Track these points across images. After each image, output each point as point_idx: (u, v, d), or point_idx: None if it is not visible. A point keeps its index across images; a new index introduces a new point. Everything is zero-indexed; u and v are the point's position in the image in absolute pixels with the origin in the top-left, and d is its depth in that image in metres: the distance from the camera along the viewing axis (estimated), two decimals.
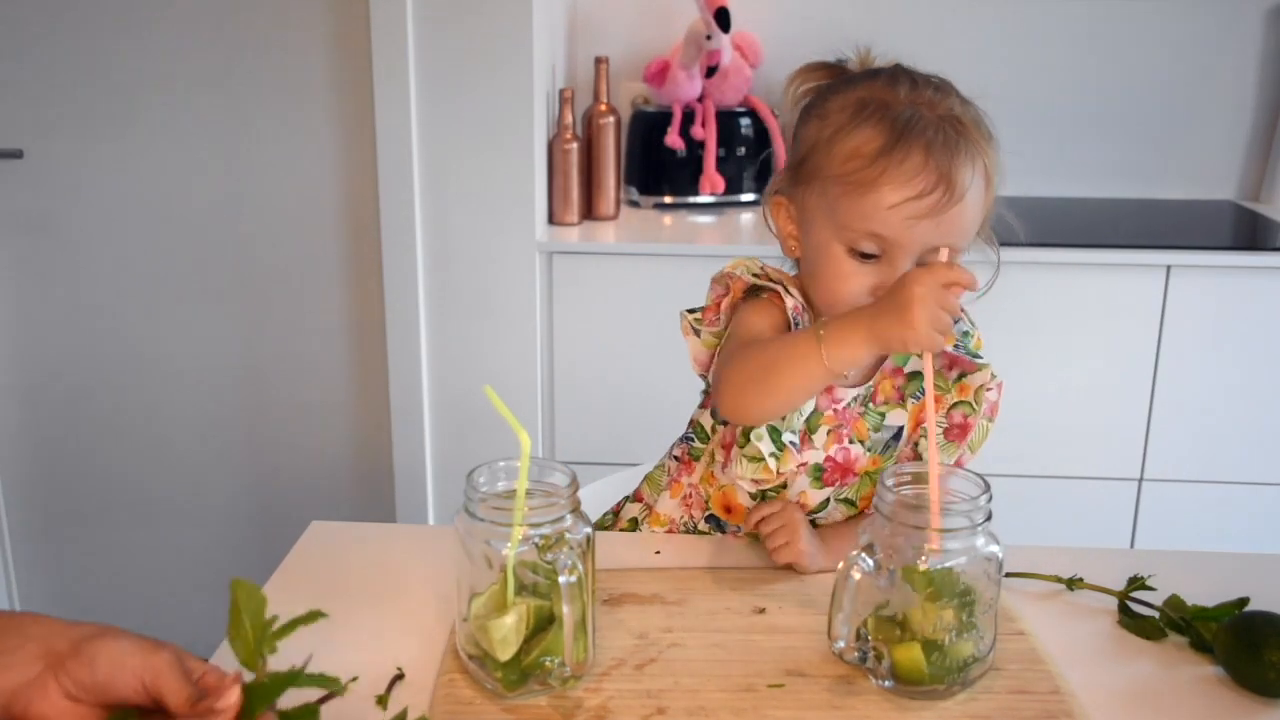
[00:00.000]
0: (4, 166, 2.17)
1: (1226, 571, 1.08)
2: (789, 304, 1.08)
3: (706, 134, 2.31)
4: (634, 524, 1.25)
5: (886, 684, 0.87)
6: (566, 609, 0.83)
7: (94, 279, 2.23)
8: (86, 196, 2.19)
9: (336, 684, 0.69)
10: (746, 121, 2.36)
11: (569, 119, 2.17)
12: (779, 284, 1.10)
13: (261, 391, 2.28)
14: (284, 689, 0.68)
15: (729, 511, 1.18)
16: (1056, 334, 2.07)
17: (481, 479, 0.87)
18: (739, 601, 1.00)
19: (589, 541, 0.86)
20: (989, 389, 1.11)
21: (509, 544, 0.83)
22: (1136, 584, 1.02)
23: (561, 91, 2.20)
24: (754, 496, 1.12)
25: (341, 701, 0.73)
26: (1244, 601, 0.96)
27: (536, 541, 0.84)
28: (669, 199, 2.36)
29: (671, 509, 1.22)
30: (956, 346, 1.13)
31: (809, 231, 1.08)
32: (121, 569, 2.38)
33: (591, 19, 2.45)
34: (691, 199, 2.36)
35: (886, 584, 0.87)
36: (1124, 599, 1.01)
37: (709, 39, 2.28)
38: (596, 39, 2.44)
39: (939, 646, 0.85)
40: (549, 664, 0.85)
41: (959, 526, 0.86)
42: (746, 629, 0.96)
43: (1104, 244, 2.06)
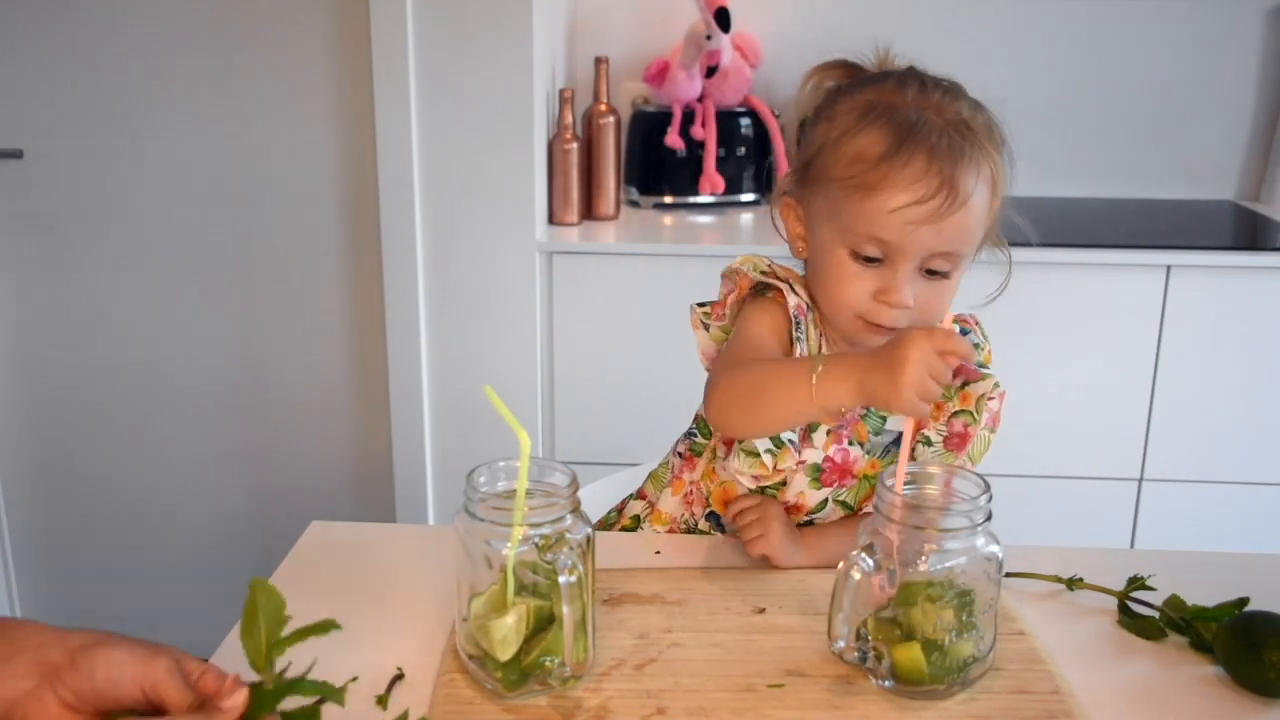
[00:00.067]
0: (4, 166, 2.17)
1: (1226, 571, 1.08)
2: (791, 303, 1.08)
3: (706, 134, 2.31)
4: (636, 521, 1.25)
5: (886, 684, 0.87)
6: (566, 609, 0.83)
7: (94, 279, 2.23)
8: (86, 196, 2.19)
9: (340, 696, 0.69)
10: (746, 121, 2.36)
11: (569, 119, 2.17)
12: (785, 282, 1.10)
13: (261, 391, 2.28)
14: (288, 695, 0.68)
15: (728, 507, 1.17)
16: (1056, 334, 2.07)
17: (481, 479, 0.87)
18: (739, 601, 1.00)
19: (589, 541, 0.86)
20: (990, 398, 1.10)
21: (509, 544, 0.83)
22: (1136, 584, 1.02)
23: (561, 91, 2.20)
24: (752, 493, 1.12)
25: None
26: (1244, 601, 0.96)
27: (536, 541, 0.84)
28: (669, 199, 2.36)
29: (673, 507, 1.22)
30: None
31: (814, 233, 1.08)
32: (121, 569, 2.38)
33: (591, 19, 2.45)
34: (691, 199, 2.36)
35: (887, 583, 0.87)
36: (1124, 599, 1.01)
37: (709, 39, 2.28)
38: (596, 39, 2.44)
39: (939, 646, 0.85)
40: (549, 664, 0.85)
41: (959, 526, 0.86)
42: (746, 629, 0.96)
43: (1104, 244, 2.06)
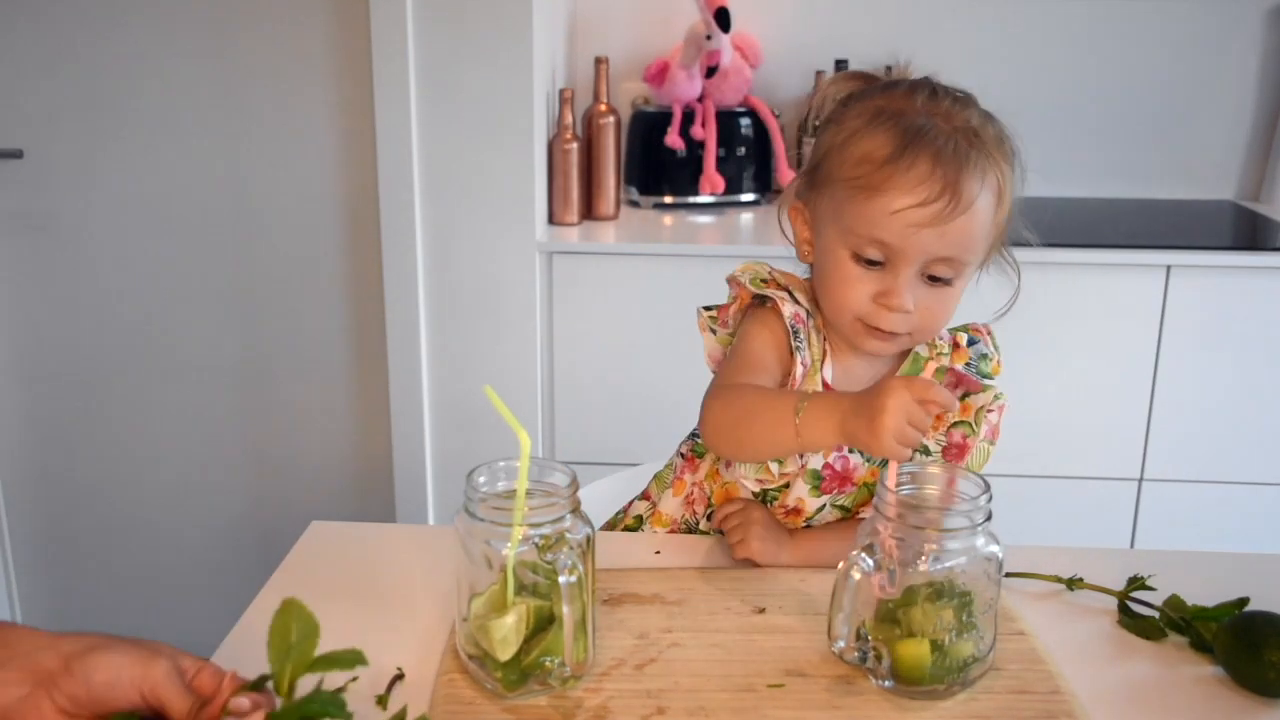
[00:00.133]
0: (4, 166, 2.17)
1: (1226, 571, 1.08)
2: (787, 313, 1.08)
3: (706, 134, 2.31)
4: (639, 521, 1.25)
5: (886, 684, 0.87)
6: (566, 609, 0.83)
7: (94, 279, 2.23)
8: (86, 196, 2.19)
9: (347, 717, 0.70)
10: (746, 122, 2.36)
11: (569, 119, 2.17)
12: (784, 289, 1.10)
13: (262, 391, 2.28)
14: (301, 715, 0.70)
15: (715, 513, 1.17)
16: (1056, 334, 2.07)
17: (481, 479, 0.87)
18: (739, 601, 1.00)
19: (589, 541, 0.86)
20: (990, 410, 1.10)
21: (509, 544, 0.83)
22: (1136, 584, 1.02)
23: (561, 91, 2.20)
24: (756, 495, 1.12)
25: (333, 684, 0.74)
26: (1244, 601, 0.96)
27: (536, 541, 0.84)
28: (669, 199, 2.36)
29: (673, 508, 1.22)
30: (968, 365, 1.12)
31: (819, 235, 1.09)
32: (121, 569, 2.38)
33: (591, 19, 2.45)
34: (691, 199, 2.36)
35: (887, 583, 0.87)
36: (1124, 599, 1.01)
37: (709, 39, 2.28)
38: (596, 39, 2.44)
39: (939, 646, 0.85)
40: (549, 664, 0.85)
41: (959, 526, 0.86)
42: (746, 629, 0.96)
43: (1104, 244, 2.06)
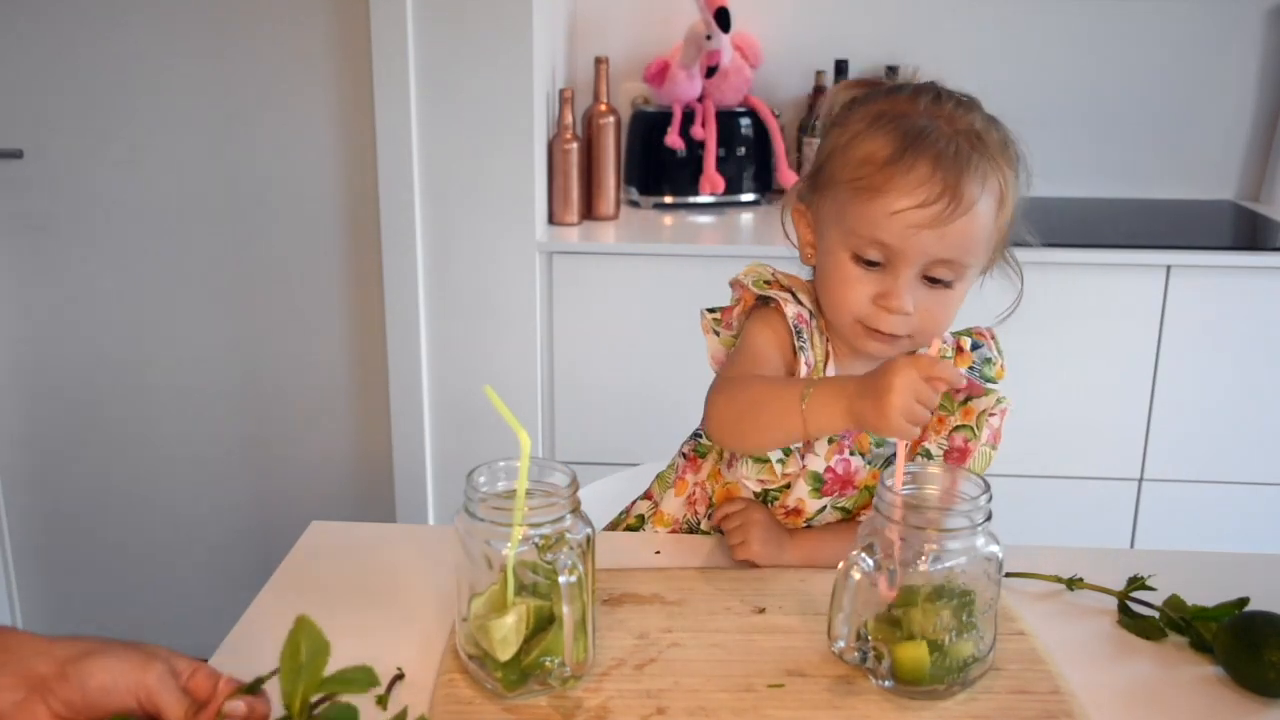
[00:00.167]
0: (4, 166, 2.17)
1: (1226, 571, 1.08)
2: (789, 313, 1.08)
3: (706, 134, 2.31)
4: (641, 520, 1.25)
5: (886, 684, 0.87)
6: (566, 609, 0.83)
7: (94, 279, 2.23)
8: (86, 196, 2.19)
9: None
10: (746, 121, 2.36)
11: (569, 119, 2.17)
12: (788, 291, 1.10)
13: (262, 391, 2.28)
14: None
15: (714, 514, 1.17)
16: (1056, 334, 2.07)
17: (481, 479, 0.87)
18: (739, 601, 1.00)
19: (589, 541, 0.86)
20: (992, 414, 1.10)
21: (509, 544, 0.83)
22: (1136, 584, 1.02)
23: (561, 91, 2.20)
24: (757, 495, 1.12)
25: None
26: (1244, 601, 0.96)
27: (536, 541, 0.84)
28: (669, 199, 2.36)
29: (675, 508, 1.22)
30: (972, 369, 1.12)
31: (821, 237, 1.09)
32: (121, 569, 2.38)
33: (591, 19, 2.45)
34: (691, 199, 2.36)
35: (887, 584, 0.87)
36: (1124, 599, 1.01)
37: (709, 39, 2.28)
38: (596, 39, 2.44)
39: (939, 646, 0.85)
40: (549, 664, 0.85)
41: (959, 526, 0.86)
42: (746, 629, 0.96)
43: (1104, 244, 2.06)
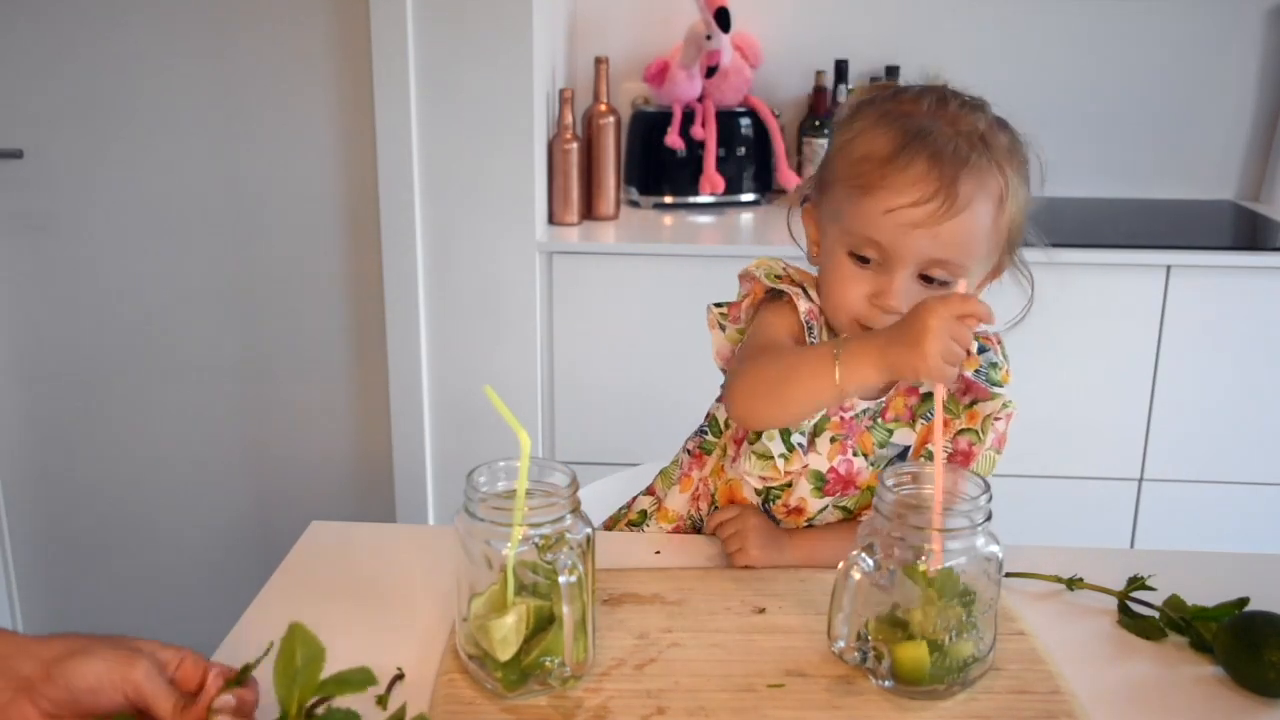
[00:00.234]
0: (4, 166, 2.17)
1: (1226, 571, 1.08)
2: (802, 308, 1.08)
3: (706, 134, 2.31)
4: (643, 516, 1.25)
5: (886, 684, 0.87)
6: (566, 609, 0.83)
7: (94, 279, 2.23)
8: (86, 196, 2.19)
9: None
10: (746, 121, 2.36)
11: (569, 119, 2.17)
12: (799, 286, 1.10)
13: (262, 391, 2.28)
14: None
15: (709, 520, 1.18)
16: (1056, 334, 2.07)
17: (481, 479, 0.87)
18: (739, 601, 1.00)
19: (589, 541, 0.86)
20: (998, 419, 1.10)
21: (509, 544, 0.83)
22: (1136, 584, 1.02)
23: (561, 91, 2.20)
24: (759, 493, 1.12)
25: (341, 701, 0.74)
26: (1244, 601, 0.96)
27: (536, 541, 0.84)
28: (669, 199, 2.36)
29: (680, 505, 1.22)
30: (978, 372, 1.12)
31: (824, 236, 1.10)
32: (121, 569, 2.38)
33: (591, 19, 2.45)
34: (691, 199, 2.36)
35: (887, 583, 0.87)
36: (1124, 599, 1.01)
37: (709, 39, 2.28)
38: (596, 39, 2.44)
39: (939, 646, 0.85)
40: (549, 664, 0.85)
41: (959, 526, 0.86)
42: (746, 629, 0.96)
43: (1104, 244, 2.06)
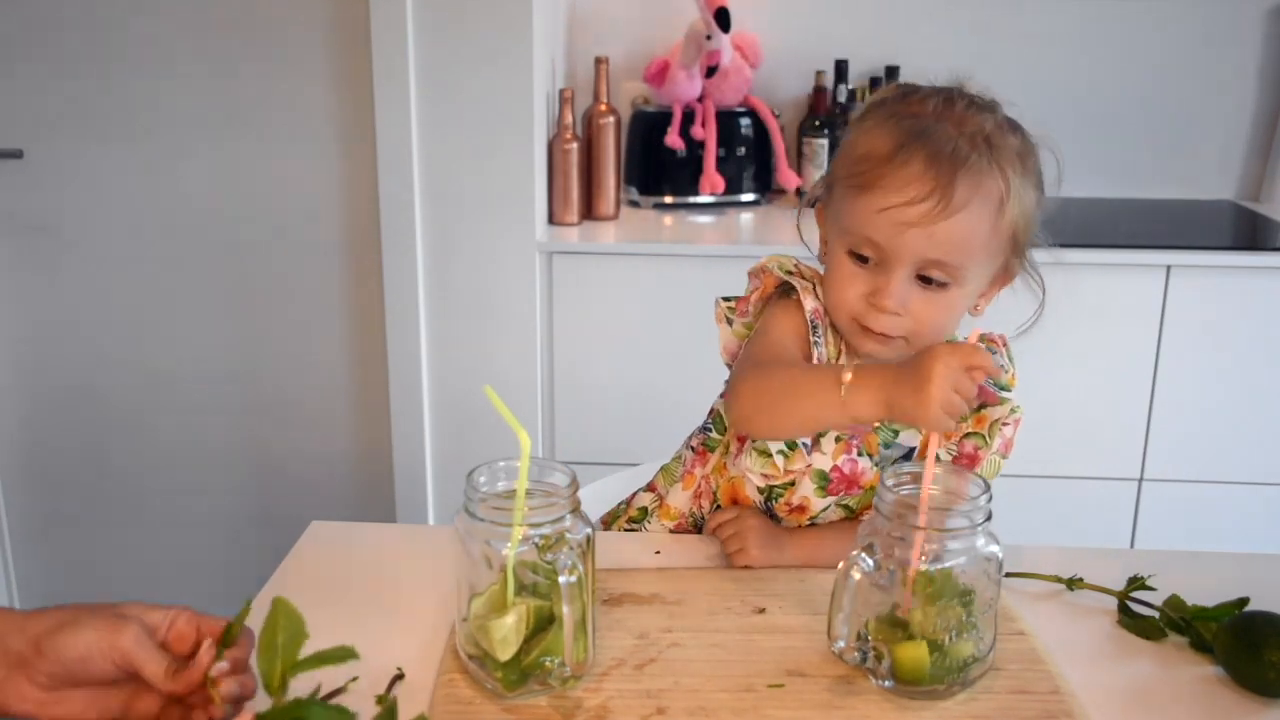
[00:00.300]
0: (4, 166, 2.17)
1: (1226, 571, 1.08)
2: (809, 307, 1.08)
3: (706, 134, 2.31)
4: (644, 513, 1.25)
5: (886, 684, 0.87)
6: (566, 609, 0.83)
7: (93, 279, 2.23)
8: (86, 196, 2.19)
9: (348, 717, 0.70)
10: (746, 121, 2.36)
11: (569, 119, 2.17)
12: (810, 282, 1.10)
13: (261, 391, 2.28)
14: (294, 717, 0.70)
15: (735, 504, 1.17)
16: (1056, 334, 2.06)
17: (481, 479, 0.87)
18: (739, 601, 1.00)
19: (589, 541, 0.86)
20: (1005, 424, 1.10)
21: (509, 544, 0.83)
22: (1136, 584, 1.02)
23: (561, 91, 2.20)
24: (761, 492, 1.12)
25: (341, 701, 0.74)
26: (1244, 601, 0.96)
27: (536, 541, 0.84)
28: (669, 199, 2.36)
29: (682, 502, 1.22)
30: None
31: (828, 234, 1.10)
32: (121, 569, 2.38)
33: (591, 19, 2.45)
34: (691, 199, 2.36)
35: (887, 583, 0.87)
36: (1124, 599, 1.01)
37: (709, 39, 2.28)
38: (596, 39, 2.44)
39: (939, 646, 0.85)
40: (549, 664, 0.85)
41: (959, 526, 0.86)
42: (746, 629, 0.96)
43: (1104, 244, 2.06)
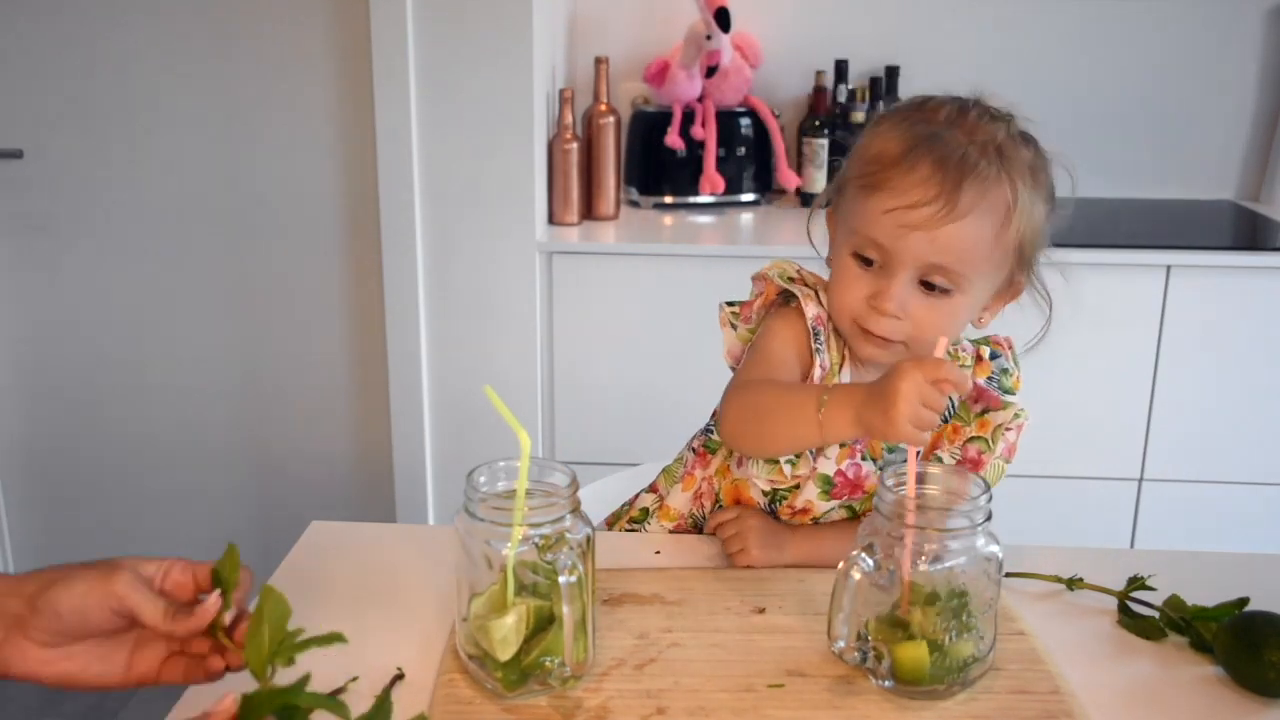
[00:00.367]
0: (4, 166, 2.17)
1: (1226, 571, 1.08)
2: (810, 314, 1.08)
3: (706, 134, 2.31)
4: (645, 514, 1.25)
5: (886, 684, 0.87)
6: (566, 609, 0.83)
7: (93, 279, 2.23)
8: (86, 196, 2.19)
9: (341, 707, 0.69)
10: (746, 121, 2.36)
11: (569, 119, 2.17)
12: (812, 289, 1.10)
13: (261, 391, 2.28)
14: (282, 702, 0.68)
15: (737, 504, 1.17)
16: (1056, 334, 2.06)
17: (481, 479, 0.87)
18: (739, 601, 1.00)
19: (589, 541, 0.86)
20: (1009, 429, 1.10)
21: (509, 544, 0.83)
22: (1136, 584, 1.02)
23: (561, 91, 2.20)
24: (765, 494, 1.12)
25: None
26: (1244, 601, 0.96)
27: (536, 541, 0.84)
28: (669, 199, 2.36)
29: (682, 503, 1.22)
30: (990, 379, 1.12)
31: (835, 237, 1.10)
32: None
33: (591, 19, 2.45)
34: (691, 199, 2.36)
35: (887, 583, 0.87)
36: (1124, 599, 1.01)
37: (709, 39, 2.28)
38: (596, 39, 2.44)
39: (939, 646, 0.85)
40: (549, 664, 0.85)
41: (959, 526, 0.86)
42: (746, 629, 0.96)
43: (1104, 244, 2.06)
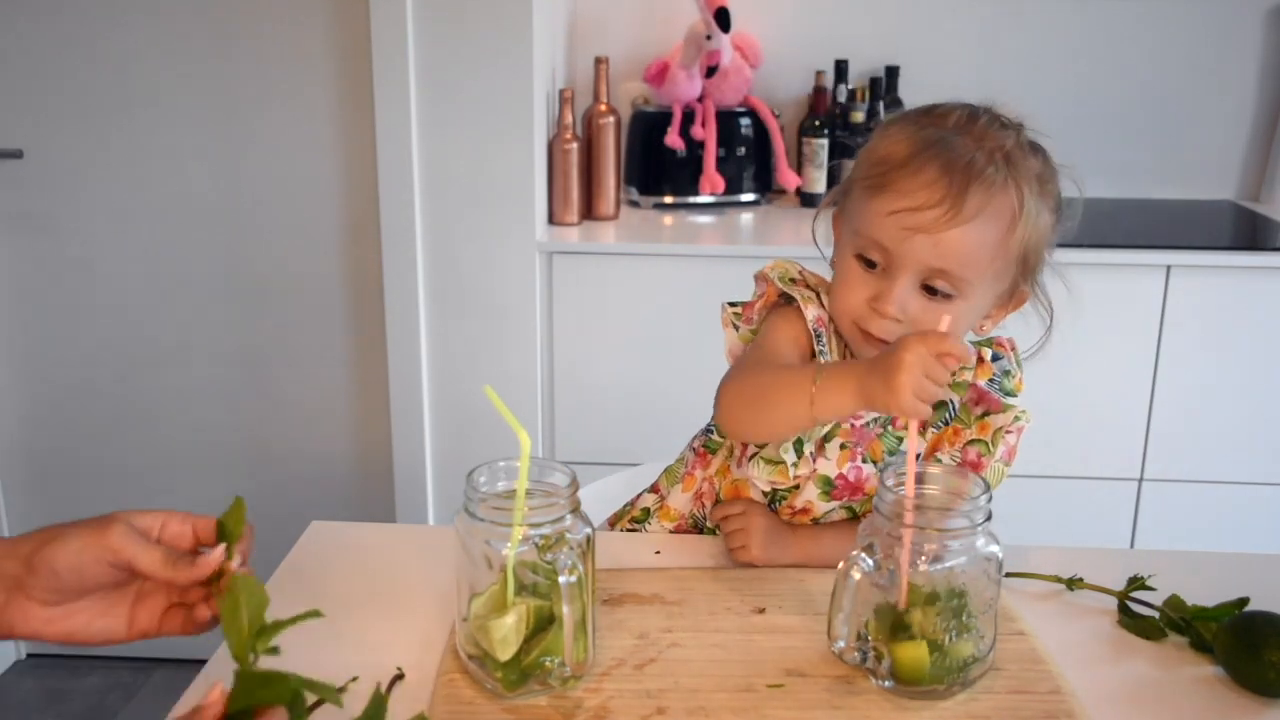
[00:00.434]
0: (4, 166, 2.17)
1: (1226, 571, 1.08)
2: (810, 315, 1.08)
3: (706, 134, 2.31)
4: (646, 514, 1.25)
5: (886, 684, 0.87)
6: (566, 609, 0.83)
7: (93, 279, 2.23)
8: (86, 196, 2.19)
9: (332, 692, 0.68)
10: (746, 121, 2.36)
11: (569, 119, 2.17)
12: (813, 291, 1.10)
13: (261, 391, 2.28)
14: (269, 686, 0.67)
15: (713, 512, 1.17)
16: (1056, 334, 2.06)
17: (481, 479, 0.87)
18: (739, 601, 1.00)
19: (589, 541, 0.86)
20: (1009, 432, 1.10)
21: (509, 544, 0.83)
22: (1136, 584, 1.02)
23: (561, 91, 2.20)
24: (766, 495, 1.12)
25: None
26: (1244, 601, 0.96)
27: (536, 541, 0.84)
28: (669, 199, 2.36)
29: (682, 504, 1.22)
30: (991, 382, 1.12)
31: (839, 238, 1.10)
32: None
33: (591, 19, 2.45)
34: (691, 199, 2.35)
35: (887, 583, 0.87)
36: (1124, 599, 1.01)
37: (709, 39, 2.28)
38: (596, 39, 2.44)
39: (939, 646, 0.85)
40: (549, 664, 0.85)
41: (959, 526, 0.86)
42: (746, 629, 0.96)
43: (1104, 244, 2.06)
